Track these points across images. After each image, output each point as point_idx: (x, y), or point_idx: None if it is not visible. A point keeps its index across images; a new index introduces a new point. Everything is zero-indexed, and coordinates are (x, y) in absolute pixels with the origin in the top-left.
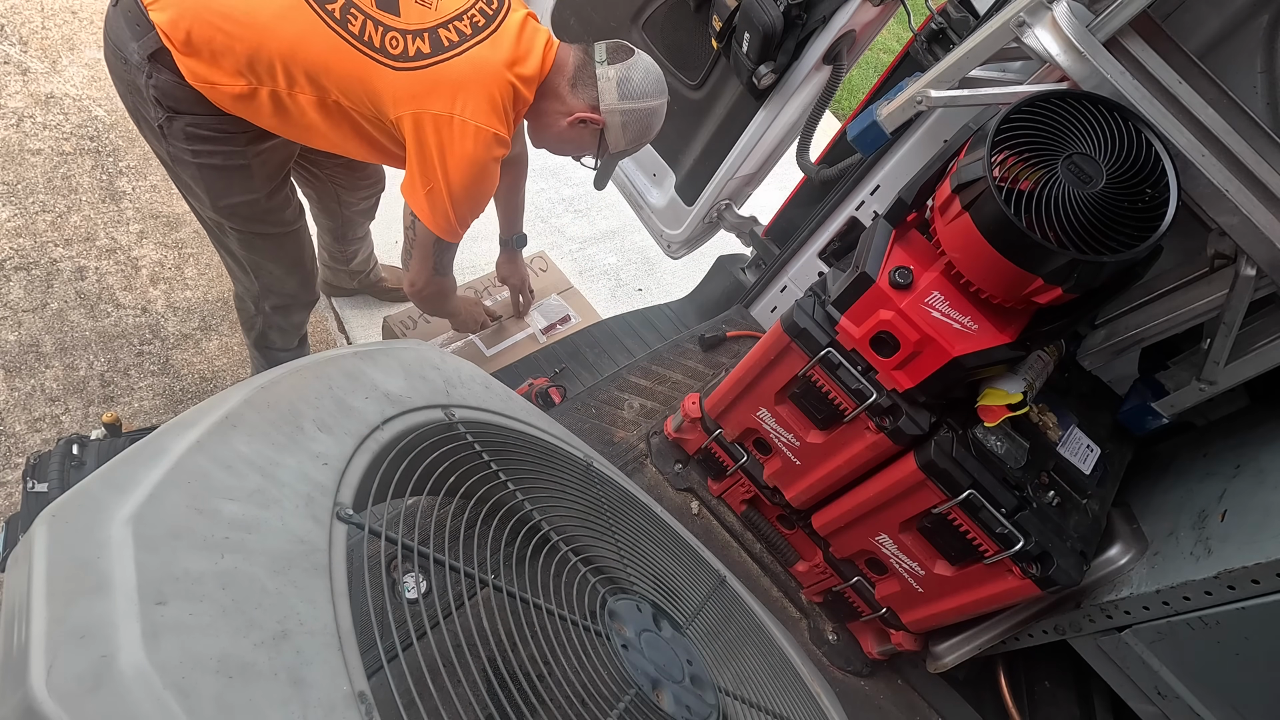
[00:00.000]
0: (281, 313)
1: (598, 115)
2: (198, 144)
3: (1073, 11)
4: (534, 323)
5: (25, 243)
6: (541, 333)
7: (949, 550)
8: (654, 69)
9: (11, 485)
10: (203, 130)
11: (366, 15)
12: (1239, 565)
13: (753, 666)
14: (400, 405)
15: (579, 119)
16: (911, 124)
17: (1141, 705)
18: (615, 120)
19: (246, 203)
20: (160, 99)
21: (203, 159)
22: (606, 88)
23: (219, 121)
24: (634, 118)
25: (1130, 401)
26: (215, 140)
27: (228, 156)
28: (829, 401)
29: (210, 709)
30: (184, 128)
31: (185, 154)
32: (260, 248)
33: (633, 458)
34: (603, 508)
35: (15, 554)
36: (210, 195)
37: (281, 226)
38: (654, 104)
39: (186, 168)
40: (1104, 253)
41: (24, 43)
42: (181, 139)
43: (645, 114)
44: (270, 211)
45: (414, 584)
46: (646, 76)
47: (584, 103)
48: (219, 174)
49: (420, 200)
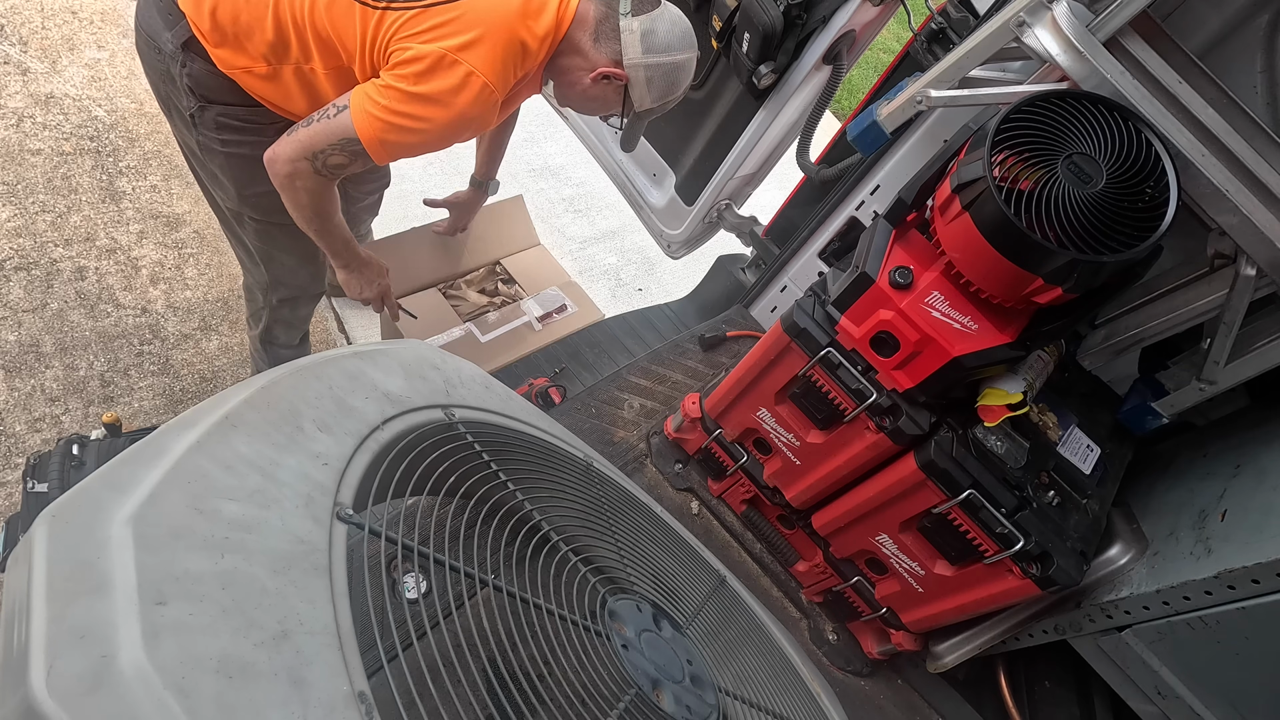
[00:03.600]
0: (289, 305)
1: (621, 70)
2: (228, 134)
3: (1073, 11)
4: (530, 310)
5: (25, 243)
6: (538, 320)
7: (949, 550)
8: (681, 20)
9: (11, 485)
10: (233, 120)
11: None
12: (1239, 565)
13: (753, 666)
14: (400, 405)
15: (602, 74)
16: (911, 124)
17: (1141, 705)
18: (639, 75)
19: (269, 192)
20: (194, 87)
21: (231, 148)
22: (630, 40)
23: (250, 112)
24: (659, 72)
25: (1130, 401)
26: (245, 130)
27: (255, 147)
28: (829, 401)
29: (210, 709)
30: (215, 117)
31: (215, 143)
32: (277, 239)
33: (633, 458)
34: (603, 508)
35: (15, 554)
36: (236, 185)
37: None
38: (680, 58)
39: (215, 157)
40: (1104, 253)
41: (24, 43)
42: (212, 128)
43: (671, 68)
44: None
45: (414, 584)
46: (673, 29)
47: (607, 57)
48: (246, 163)
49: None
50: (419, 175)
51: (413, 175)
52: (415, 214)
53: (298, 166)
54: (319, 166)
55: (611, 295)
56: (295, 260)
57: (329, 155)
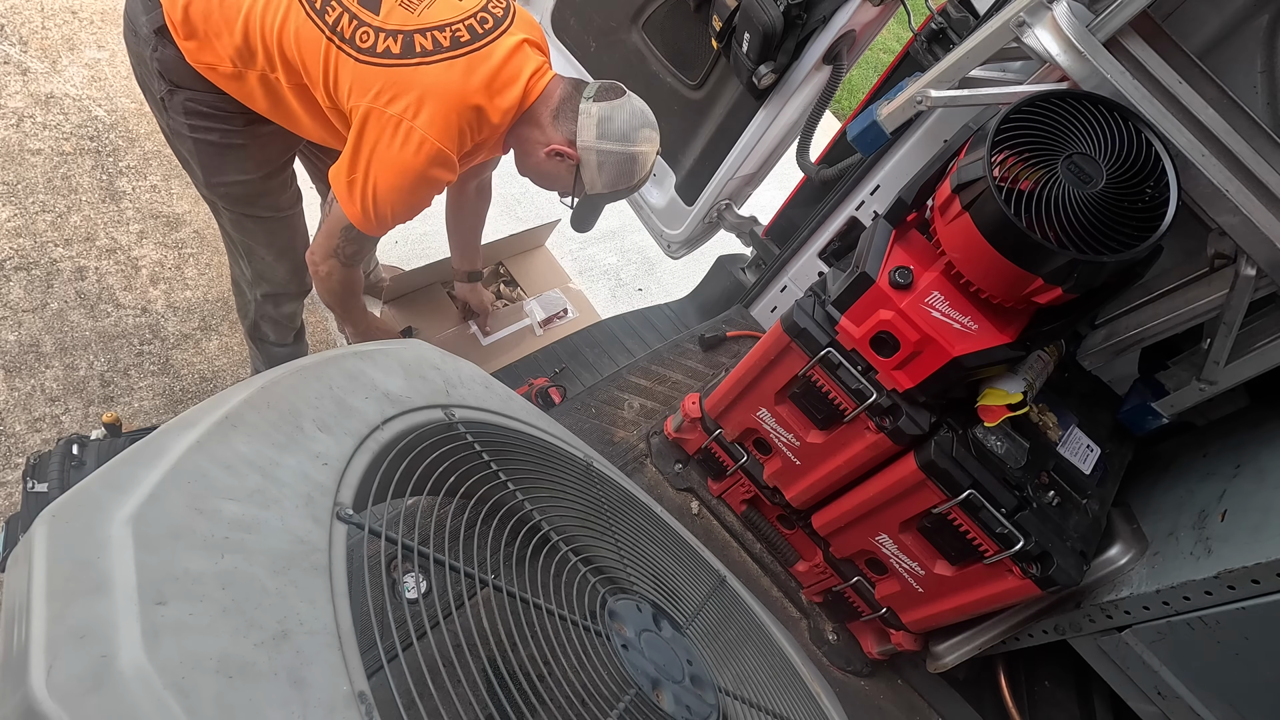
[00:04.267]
0: (272, 301)
1: (573, 150)
2: (195, 119)
3: (1073, 11)
4: (533, 314)
5: (25, 243)
6: (540, 325)
7: (949, 550)
8: (642, 114)
9: (11, 485)
10: (201, 106)
11: (345, 9)
12: (1239, 565)
13: (753, 666)
14: (400, 405)
15: (555, 151)
16: (911, 124)
17: (1141, 705)
18: (591, 159)
19: (239, 183)
20: (164, 72)
21: (199, 134)
22: (586, 123)
23: (218, 99)
24: (611, 159)
25: (1130, 401)
26: (213, 117)
27: (224, 135)
28: (829, 401)
29: (210, 709)
30: (184, 102)
31: (183, 128)
32: (250, 230)
33: (633, 458)
34: (603, 508)
35: (15, 554)
36: (204, 172)
37: (272, 211)
38: (634, 150)
39: (184, 141)
40: (1104, 253)
41: (24, 43)
42: (181, 113)
43: (624, 158)
44: (263, 195)
45: (414, 584)
46: (630, 119)
47: (562, 136)
48: (214, 151)
49: (342, 186)
50: None
51: None
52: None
53: (330, 265)
54: (343, 259)
55: (611, 295)
56: (272, 255)
57: (343, 247)
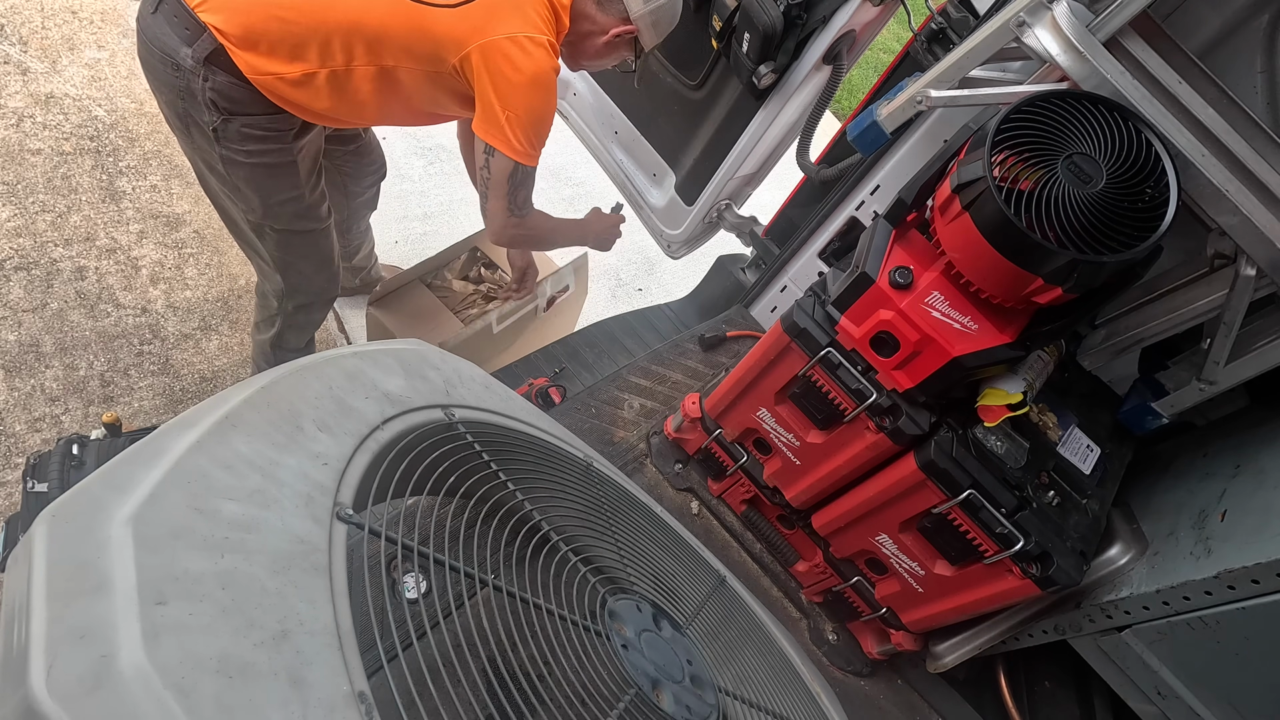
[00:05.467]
0: (304, 310)
1: (631, 26)
2: (252, 144)
3: (1073, 11)
4: (541, 293)
5: (25, 243)
6: (545, 306)
7: (949, 550)
8: None
9: (11, 485)
10: (256, 130)
11: None
12: (1239, 565)
13: (753, 666)
14: (400, 405)
15: (615, 34)
16: (911, 124)
17: (1141, 705)
18: (646, 23)
19: (292, 199)
20: (217, 101)
21: (255, 159)
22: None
23: (271, 120)
24: (663, 12)
25: (1130, 401)
26: (268, 139)
27: (278, 155)
28: (829, 401)
29: (210, 709)
30: (239, 129)
31: (239, 155)
32: (297, 246)
33: (633, 458)
34: (603, 508)
35: (15, 554)
36: (261, 195)
37: (318, 222)
38: None
39: (239, 169)
40: (1104, 253)
41: (24, 43)
42: (237, 140)
43: (669, 4)
44: (311, 207)
45: (414, 584)
46: None
47: (614, 18)
48: (270, 172)
49: (500, 128)
50: (419, 175)
51: (412, 175)
52: (414, 212)
53: (510, 223)
54: (518, 211)
55: (611, 295)
56: (313, 267)
57: (514, 196)
